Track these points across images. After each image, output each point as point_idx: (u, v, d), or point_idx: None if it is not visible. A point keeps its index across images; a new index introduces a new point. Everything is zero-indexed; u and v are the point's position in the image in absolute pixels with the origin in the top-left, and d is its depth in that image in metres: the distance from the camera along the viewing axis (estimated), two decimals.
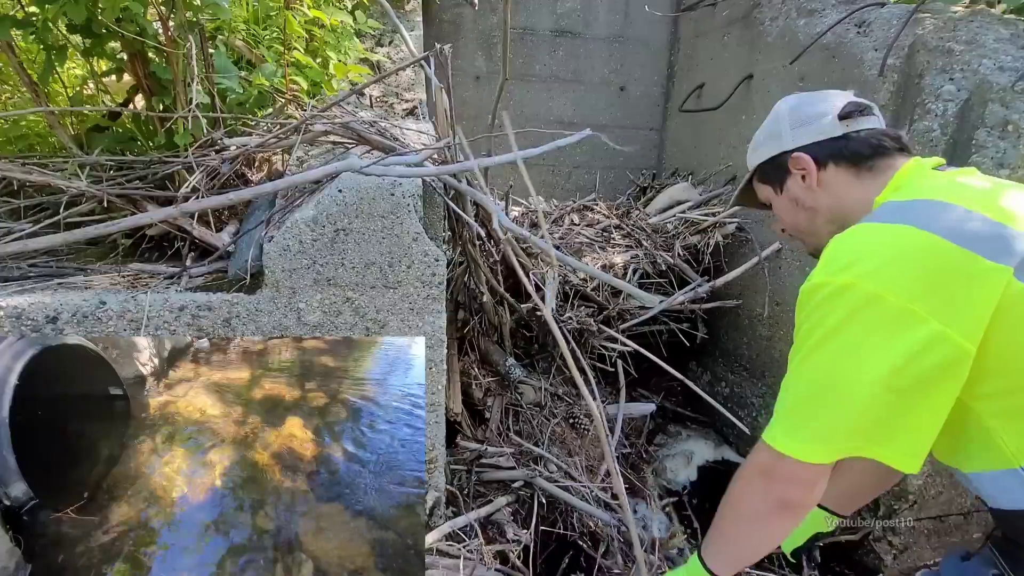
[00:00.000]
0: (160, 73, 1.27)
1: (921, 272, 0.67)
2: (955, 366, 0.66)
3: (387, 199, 1.05)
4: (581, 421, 1.96)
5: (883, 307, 0.67)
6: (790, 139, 0.92)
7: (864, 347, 0.68)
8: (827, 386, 0.71)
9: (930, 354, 0.65)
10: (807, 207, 0.92)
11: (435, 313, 1.14)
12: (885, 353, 0.67)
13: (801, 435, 0.73)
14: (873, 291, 0.67)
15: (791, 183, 0.93)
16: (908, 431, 0.70)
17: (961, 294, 0.66)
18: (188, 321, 1.04)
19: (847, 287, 0.69)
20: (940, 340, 0.65)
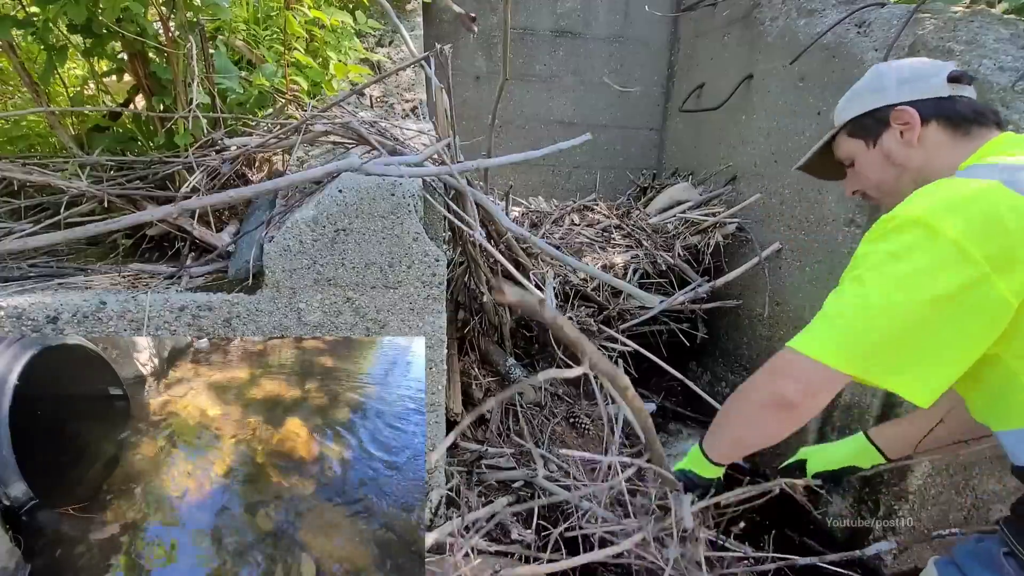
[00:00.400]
0: (160, 73, 1.27)
1: (989, 221, 0.69)
2: (994, 314, 0.68)
3: (387, 199, 1.05)
4: (581, 421, 1.96)
5: (941, 242, 0.69)
6: (895, 93, 0.92)
7: (912, 275, 0.70)
8: (866, 303, 0.73)
9: (972, 295, 0.67)
10: (897, 163, 0.91)
11: (435, 313, 1.14)
12: (931, 283, 0.69)
13: (822, 337, 0.75)
14: (936, 226, 0.70)
15: (887, 137, 0.92)
16: (929, 364, 0.71)
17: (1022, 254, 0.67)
18: (188, 321, 1.04)
19: (914, 221, 0.72)
20: (985, 285, 0.67)
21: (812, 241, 2.03)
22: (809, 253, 2.04)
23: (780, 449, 2.13)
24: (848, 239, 1.86)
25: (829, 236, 1.94)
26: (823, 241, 1.97)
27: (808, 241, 2.05)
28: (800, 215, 2.08)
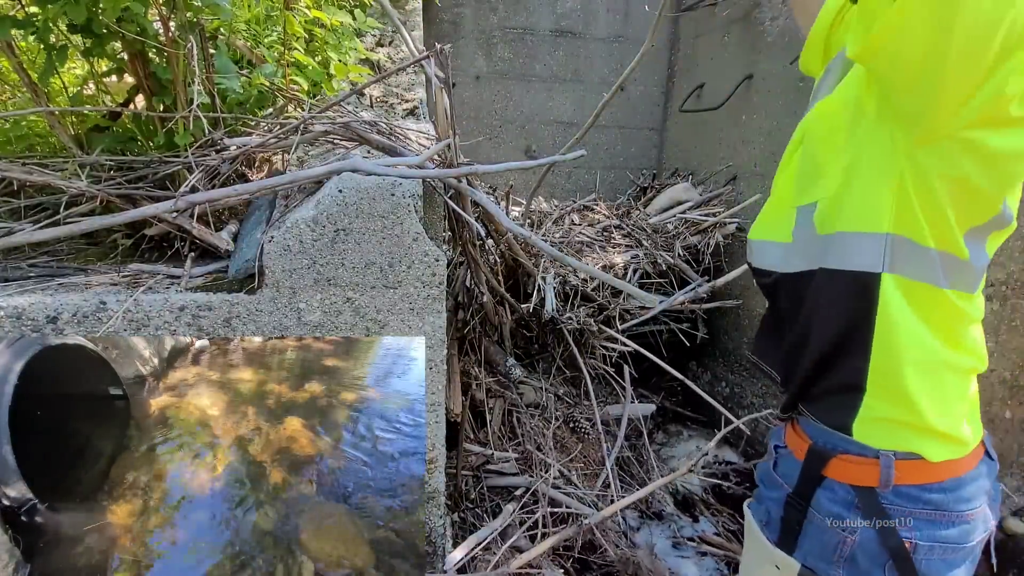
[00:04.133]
0: (160, 73, 1.27)
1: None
2: None
3: (387, 199, 1.05)
4: (581, 424, 1.97)
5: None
6: None
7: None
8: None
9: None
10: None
11: (435, 313, 1.14)
12: None
13: None
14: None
15: None
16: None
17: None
18: (188, 321, 1.04)
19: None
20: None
21: None
22: None
23: None
24: None
25: None
26: None
27: None
28: None
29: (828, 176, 0.73)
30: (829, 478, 0.79)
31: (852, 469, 0.76)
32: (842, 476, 0.77)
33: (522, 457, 1.79)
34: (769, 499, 0.87)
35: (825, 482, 0.79)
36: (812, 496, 0.80)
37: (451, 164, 1.24)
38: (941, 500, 0.73)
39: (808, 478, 0.81)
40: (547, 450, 1.81)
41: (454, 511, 1.62)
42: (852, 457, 0.76)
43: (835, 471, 0.78)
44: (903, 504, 0.73)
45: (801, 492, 0.81)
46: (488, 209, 1.09)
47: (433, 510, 1.26)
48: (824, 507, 0.79)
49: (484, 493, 1.68)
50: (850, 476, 0.76)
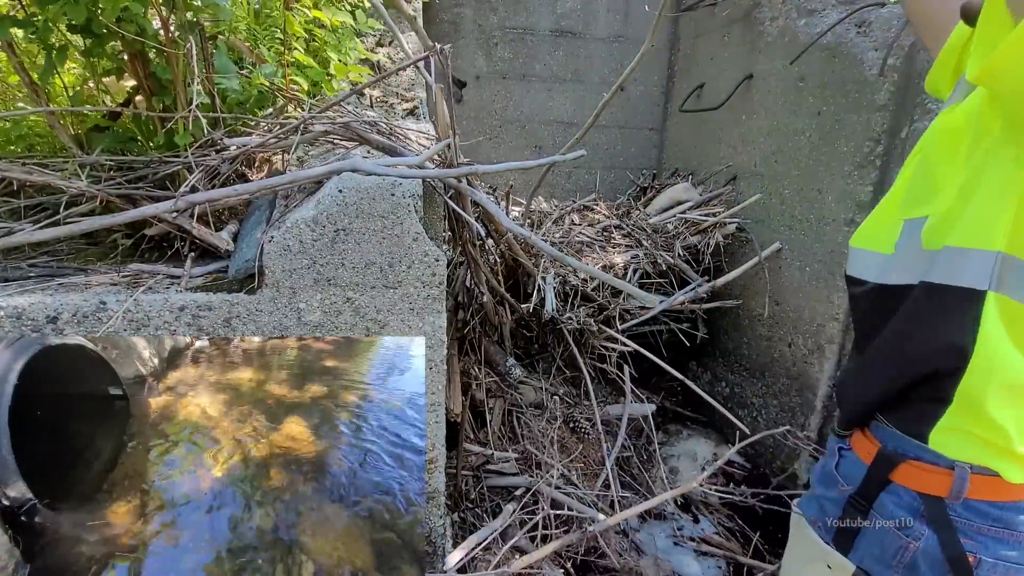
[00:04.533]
0: (160, 73, 1.27)
1: None
2: None
3: (387, 199, 1.05)
4: (581, 424, 1.96)
5: None
6: None
7: None
8: None
9: None
10: None
11: (435, 313, 1.14)
12: None
13: None
14: None
15: None
16: None
17: None
18: (188, 321, 1.04)
19: None
20: None
21: (812, 241, 2.03)
22: (809, 253, 2.04)
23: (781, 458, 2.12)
24: (848, 239, 1.86)
25: (829, 236, 1.94)
26: (823, 241, 1.97)
27: (808, 241, 2.05)
28: (800, 215, 2.08)
29: (943, 191, 0.72)
30: (896, 482, 0.78)
31: (922, 476, 0.75)
32: (910, 482, 0.77)
33: (522, 457, 1.79)
34: (826, 499, 0.87)
35: (891, 486, 0.78)
36: (875, 499, 0.80)
37: (451, 164, 1.24)
38: (1012, 519, 0.72)
39: (874, 481, 0.80)
40: (547, 450, 1.81)
41: (454, 511, 1.62)
42: (924, 464, 0.75)
43: (903, 476, 0.77)
44: (971, 518, 0.73)
45: (864, 494, 0.81)
46: (488, 209, 1.09)
47: (433, 510, 1.26)
48: (888, 511, 0.78)
49: (484, 493, 1.68)
50: (919, 483, 0.76)
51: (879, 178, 1.75)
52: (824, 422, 2.00)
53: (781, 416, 2.19)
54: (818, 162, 1.99)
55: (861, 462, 0.83)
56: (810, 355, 2.04)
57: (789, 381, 2.15)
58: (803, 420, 2.08)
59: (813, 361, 2.02)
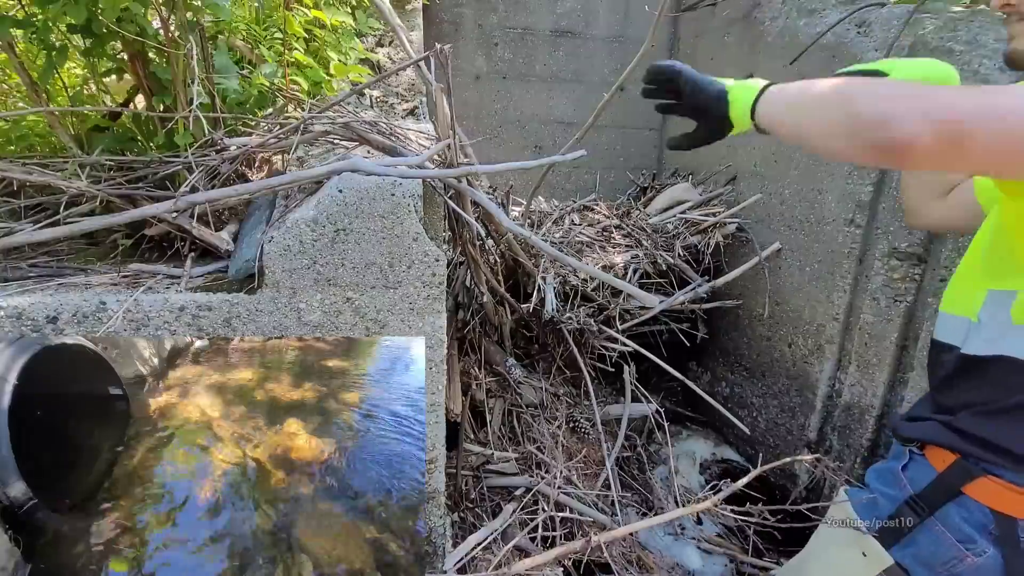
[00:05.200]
0: (160, 73, 1.27)
1: None
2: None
3: (387, 199, 1.05)
4: (581, 424, 1.96)
5: None
6: None
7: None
8: None
9: None
10: None
11: (435, 313, 1.14)
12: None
13: None
14: None
15: None
16: None
17: None
18: (188, 321, 1.04)
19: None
20: None
21: (812, 241, 2.03)
22: (809, 253, 2.04)
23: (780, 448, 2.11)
24: (848, 239, 1.86)
25: (829, 236, 1.94)
26: (823, 241, 1.97)
27: (808, 241, 2.05)
28: (800, 215, 2.08)
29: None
30: (966, 495, 0.77)
31: (1001, 494, 0.75)
32: (984, 497, 0.76)
33: (522, 457, 1.79)
34: (882, 494, 0.87)
35: (961, 498, 0.78)
36: (939, 506, 0.79)
37: (451, 164, 1.24)
38: None
39: (942, 488, 0.79)
40: (547, 450, 1.81)
41: (454, 511, 1.62)
42: (1005, 483, 0.74)
43: (979, 491, 0.76)
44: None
45: (928, 498, 0.80)
46: (488, 209, 1.09)
47: (433, 510, 1.26)
48: (952, 521, 0.77)
49: (484, 493, 1.68)
50: (995, 500, 0.75)
51: (879, 178, 1.75)
52: (824, 422, 2.00)
53: (781, 416, 2.19)
54: (818, 162, 1.99)
55: (932, 468, 0.82)
56: (810, 355, 2.04)
57: (789, 381, 2.15)
58: (803, 420, 2.07)
59: (813, 361, 2.02)
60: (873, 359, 1.78)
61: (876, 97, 0.58)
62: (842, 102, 0.62)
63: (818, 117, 0.65)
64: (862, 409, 1.83)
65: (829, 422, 1.98)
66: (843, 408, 1.90)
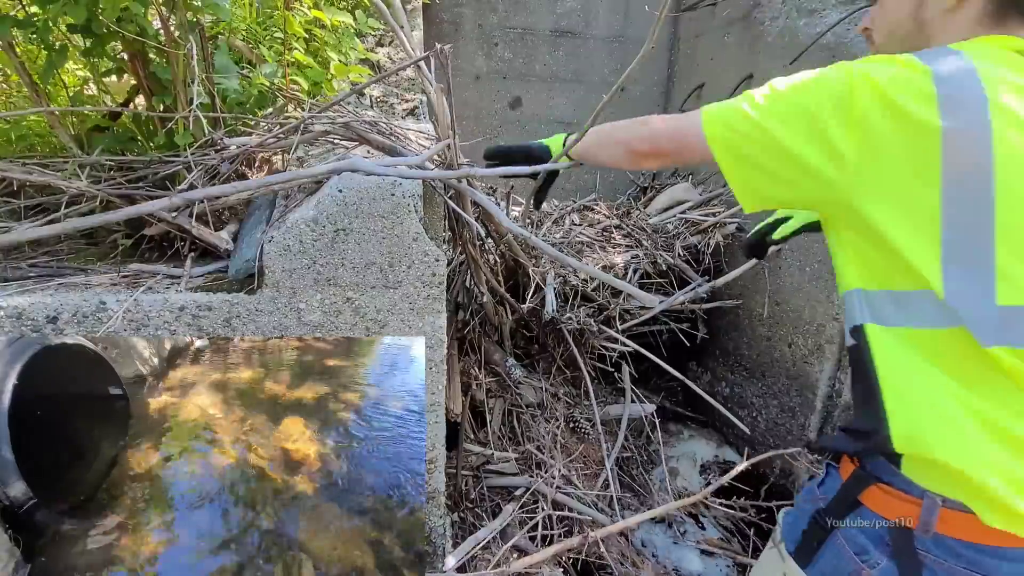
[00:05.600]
0: (160, 73, 1.27)
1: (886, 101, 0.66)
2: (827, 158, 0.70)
3: (387, 199, 1.05)
4: (581, 425, 1.96)
5: (843, 77, 0.70)
6: None
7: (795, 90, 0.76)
8: (755, 103, 0.78)
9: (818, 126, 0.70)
10: (921, 18, 0.78)
11: (435, 313, 1.14)
12: (801, 97, 0.74)
13: (719, 107, 0.81)
14: (851, 71, 0.70)
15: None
16: (763, 174, 0.76)
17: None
18: (188, 321, 1.04)
19: (841, 67, 0.73)
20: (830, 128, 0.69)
21: (812, 241, 2.02)
22: (809, 253, 2.04)
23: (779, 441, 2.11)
24: None
25: None
26: (823, 241, 1.97)
27: (808, 241, 2.05)
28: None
29: None
30: (864, 505, 0.75)
31: (891, 503, 0.72)
32: (878, 507, 0.73)
33: (522, 457, 1.79)
34: (802, 511, 0.85)
35: (860, 509, 0.75)
36: (842, 518, 0.77)
37: (452, 165, 1.24)
38: (991, 566, 0.65)
39: (843, 499, 0.78)
40: (547, 450, 1.81)
41: (454, 511, 1.62)
42: (892, 490, 0.72)
43: (872, 500, 0.74)
44: (942, 556, 0.67)
45: (832, 511, 0.79)
46: (488, 209, 1.09)
47: (433, 510, 1.26)
48: (850, 533, 0.75)
49: (484, 493, 1.68)
50: (886, 509, 0.72)
51: None
52: (824, 422, 2.00)
53: (781, 416, 2.19)
54: None
55: (840, 479, 0.81)
56: (810, 355, 2.04)
57: (789, 381, 2.15)
58: (803, 420, 2.07)
59: (813, 361, 2.02)
60: None
61: (622, 132, 1.05)
62: (616, 137, 1.05)
63: (605, 143, 1.08)
64: None
65: (829, 422, 1.97)
66: (843, 408, 1.90)
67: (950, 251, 0.63)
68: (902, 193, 0.65)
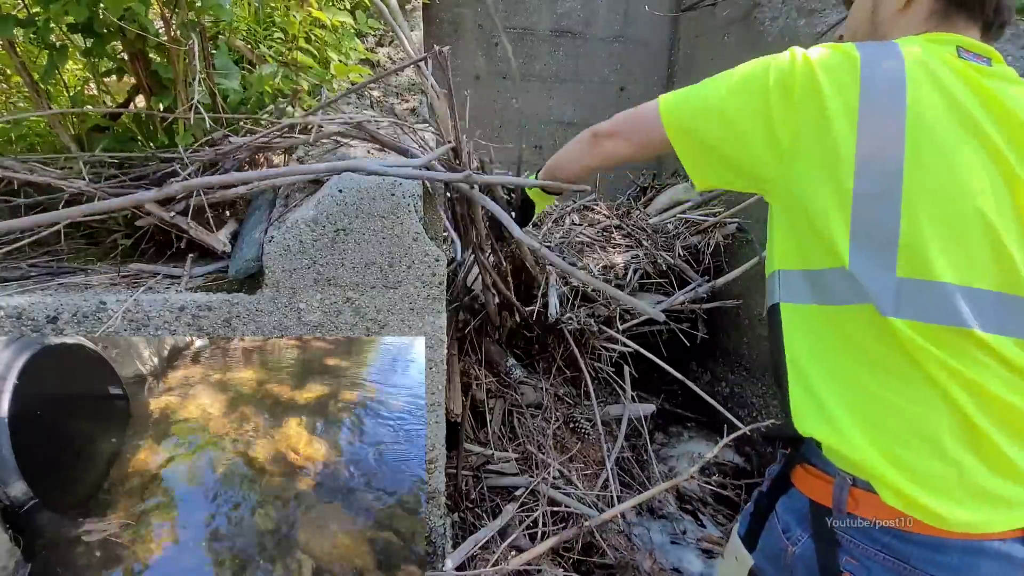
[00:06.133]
0: (161, 73, 1.27)
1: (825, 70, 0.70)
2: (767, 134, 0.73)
3: (387, 199, 1.05)
4: (581, 425, 1.96)
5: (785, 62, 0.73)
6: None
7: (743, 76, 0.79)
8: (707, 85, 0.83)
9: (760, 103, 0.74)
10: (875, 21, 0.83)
11: (435, 313, 1.14)
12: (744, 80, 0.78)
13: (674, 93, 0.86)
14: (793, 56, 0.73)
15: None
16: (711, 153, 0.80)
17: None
18: (188, 321, 1.04)
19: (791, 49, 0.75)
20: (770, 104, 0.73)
21: None
22: None
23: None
24: None
25: None
26: None
27: None
28: None
29: None
30: (793, 486, 0.79)
31: (811, 482, 0.75)
32: (802, 486, 0.77)
33: (522, 457, 1.79)
34: (755, 497, 0.88)
35: (790, 490, 0.79)
36: (777, 499, 0.80)
37: (455, 169, 1.24)
38: (907, 552, 0.65)
39: (779, 481, 0.81)
40: (547, 450, 1.81)
41: (454, 511, 1.62)
42: (813, 470, 0.75)
43: (798, 480, 0.78)
44: (857, 538, 0.69)
45: (771, 492, 0.82)
46: (502, 221, 1.09)
47: (433, 510, 1.26)
48: (780, 512, 0.79)
49: (484, 493, 1.68)
50: (808, 488, 0.76)
51: None
52: None
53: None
54: None
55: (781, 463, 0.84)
56: None
57: None
58: None
59: None
60: None
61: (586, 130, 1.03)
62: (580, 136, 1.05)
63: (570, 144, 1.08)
64: None
65: None
66: None
67: (858, 224, 0.66)
68: (823, 171, 0.68)
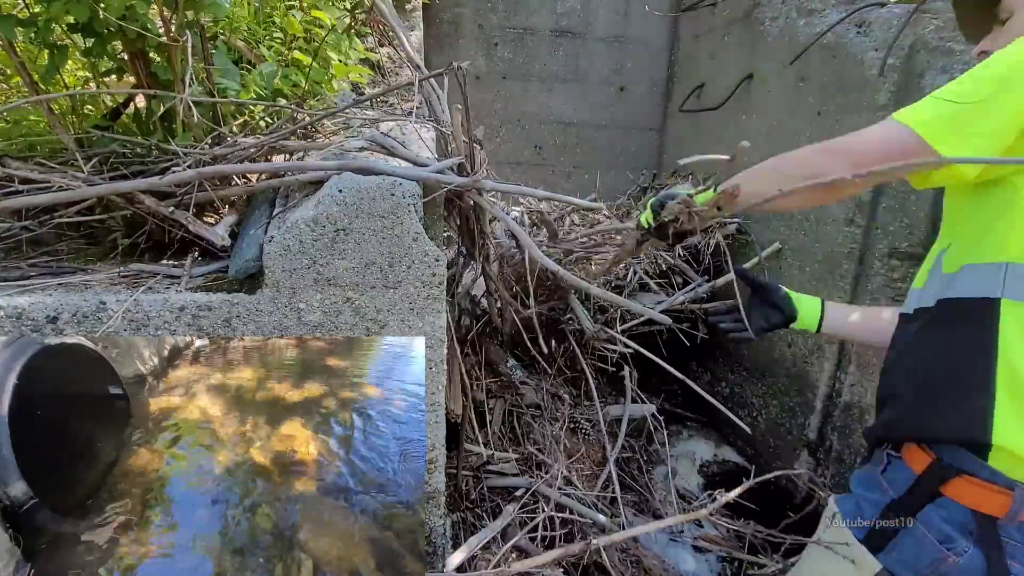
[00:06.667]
0: (161, 73, 1.27)
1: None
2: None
3: (387, 199, 1.05)
4: (582, 425, 1.96)
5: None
6: None
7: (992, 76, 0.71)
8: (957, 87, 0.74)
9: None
10: None
11: (435, 313, 1.14)
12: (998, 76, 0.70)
13: (912, 108, 0.76)
14: None
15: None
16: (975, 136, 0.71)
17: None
18: (188, 321, 1.04)
19: None
20: None
21: (812, 241, 2.03)
22: (809, 253, 2.04)
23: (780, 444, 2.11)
24: (848, 239, 1.86)
25: (829, 236, 1.94)
26: (823, 241, 1.97)
27: (808, 241, 2.05)
28: (800, 215, 2.08)
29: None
30: (946, 496, 0.77)
31: (977, 493, 0.74)
32: (962, 498, 0.76)
33: (523, 458, 1.79)
34: (865, 500, 0.87)
35: (941, 499, 0.78)
36: (920, 509, 0.79)
37: (469, 173, 1.24)
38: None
39: (921, 491, 0.79)
40: (548, 450, 1.81)
41: (454, 511, 1.62)
42: (980, 481, 0.74)
43: (956, 491, 0.76)
44: (1022, 541, 0.71)
45: (907, 502, 0.81)
46: (520, 240, 1.09)
47: (433, 510, 1.26)
48: (933, 523, 0.77)
49: (484, 493, 1.68)
50: (972, 500, 0.75)
51: None
52: (824, 422, 2.00)
53: (781, 416, 2.19)
54: None
55: (910, 470, 0.82)
56: (810, 355, 2.04)
57: (789, 381, 2.15)
58: (803, 420, 2.07)
59: (813, 361, 2.02)
60: (873, 359, 1.78)
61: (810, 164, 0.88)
62: (805, 170, 0.89)
63: (785, 176, 0.93)
64: (862, 409, 1.83)
65: (829, 422, 1.97)
66: (843, 408, 1.90)
67: None
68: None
